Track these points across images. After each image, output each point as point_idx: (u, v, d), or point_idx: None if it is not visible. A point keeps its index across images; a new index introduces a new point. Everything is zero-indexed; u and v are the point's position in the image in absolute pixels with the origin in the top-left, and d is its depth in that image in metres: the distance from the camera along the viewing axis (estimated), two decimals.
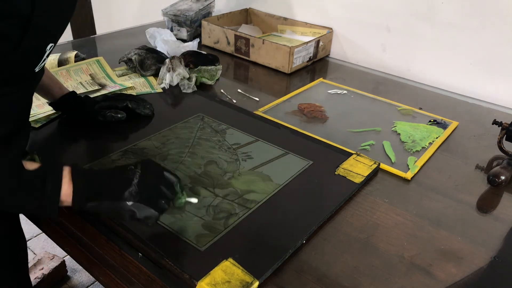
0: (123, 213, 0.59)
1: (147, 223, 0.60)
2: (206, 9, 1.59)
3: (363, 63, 1.44)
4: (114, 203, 0.59)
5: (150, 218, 0.60)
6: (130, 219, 0.60)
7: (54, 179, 0.58)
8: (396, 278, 0.62)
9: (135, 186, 0.59)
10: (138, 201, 0.59)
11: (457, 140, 1.01)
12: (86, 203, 0.59)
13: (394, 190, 0.81)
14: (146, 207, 0.59)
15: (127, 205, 0.58)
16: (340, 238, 0.69)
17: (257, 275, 0.59)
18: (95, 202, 0.59)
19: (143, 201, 0.59)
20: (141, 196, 0.59)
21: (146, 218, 0.60)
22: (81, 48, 1.38)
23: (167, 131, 0.94)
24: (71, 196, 0.58)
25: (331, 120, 1.06)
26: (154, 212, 0.60)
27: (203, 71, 1.20)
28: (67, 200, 0.58)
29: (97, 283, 1.56)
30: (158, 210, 0.60)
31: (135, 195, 0.59)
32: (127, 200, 0.58)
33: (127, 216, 0.59)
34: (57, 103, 0.92)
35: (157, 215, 0.60)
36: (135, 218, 0.59)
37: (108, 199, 0.59)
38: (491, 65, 1.19)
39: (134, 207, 0.58)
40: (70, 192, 0.58)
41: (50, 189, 0.57)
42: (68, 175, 0.59)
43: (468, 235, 0.71)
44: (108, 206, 0.59)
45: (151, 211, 0.59)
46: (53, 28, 0.60)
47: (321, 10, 1.47)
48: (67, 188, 0.58)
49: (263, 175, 0.81)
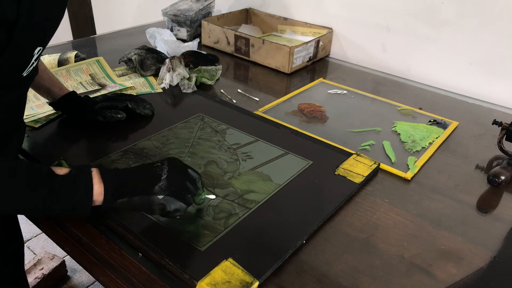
0: (154, 207, 0.61)
1: (176, 215, 0.62)
2: (206, 9, 1.59)
3: (363, 63, 1.44)
4: (145, 197, 0.60)
5: (179, 211, 0.62)
6: (160, 212, 0.62)
7: (85, 180, 0.59)
8: (396, 278, 0.62)
9: (164, 181, 0.61)
10: (168, 195, 0.61)
11: (457, 140, 1.01)
12: (116, 200, 0.60)
13: (394, 190, 0.81)
14: (175, 199, 0.61)
15: (158, 198, 0.60)
16: (340, 238, 0.69)
17: (257, 275, 0.59)
18: (125, 198, 0.60)
19: (172, 195, 0.61)
20: (170, 190, 0.61)
21: (175, 211, 0.61)
22: (81, 48, 1.38)
23: (167, 131, 0.94)
24: (102, 195, 0.60)
25: (331, 120, 1.06)
26: (183, 205, 0.62)
27: (203, 71, 1.20)
28: (99, 199, 0.60)
29: (97, 283, 1.56)
30: (185, 203, 0.62)
31: (164, 189, 0.61)
32: (158, 194, 0.60)
33: (158, 210, 0.61)
34: (57, 103, 0.92)
35: (185, 208, 0.63)
36: (165, 211, 0.61)
37: (138, 194, 0.61)
38: (491, 65, 1.19)
39: (164, 200, 0.60)
40: (101, 191, 0.59)
41: (83, 190, 0.58)
42: (97, 175, 0.60)
43: (468, 235, 0.71)
44: (139, 201, 0.61)
45: (180, 203, 0.62)
46: (40, 32, 0.60)
47: (321, 10, 1.47)
48: (98, 187, 0.59)
49: (263, 175, 0.81)
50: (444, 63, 1.27)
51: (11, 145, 0.73)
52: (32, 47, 0.59)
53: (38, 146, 0.88)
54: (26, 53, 0.59)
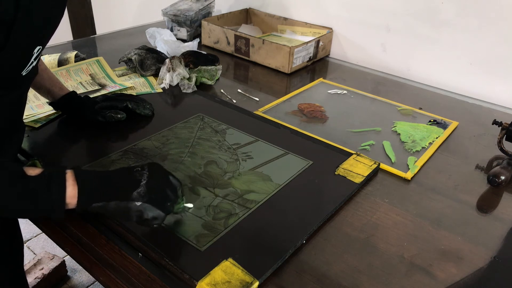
0: (131, 213, 0.59)
1: (153, 224, 0.60)
2: (206, 9, 1.59)
3: (363, 63, 1.44)
4: (122, 203, 0.58)
5: (157, 219, 0.60)
6: (137, 220, 0.59)
7: (58, 182, 0.57)
8: (396, 278, 0.62)
9: (143, 187, 0.59)
10: (146, 202, 0.59)
11: (457, 140, 1.01)
12: (91, 204, 0.58)
13: (394, 190, 0.81)
14: (154, 207, 0.59)
15: (136, 205, 0.58)
16: (340, 238, 0.69)
17: (257, 275, 0.59)
18: (101, 202, 0.58)
19: (150, 202, 0.59)
20: (149, 197, 0.59)
21: (153, 219, 0.59)
22: (81, 48, 1.38)
23: (167, 131, 0.94)
24: (76, 198, 0.58)
25: (331, 120, 1.06)
26: (161, 213, 0.60)
27: (203, 71, 1.20)
28: (72, 202, 0.58)
29: (97, 283, 1.56)
30: (164, 212, 0.60)
31: (143, 195, 0.59)
32: (136, 200, 0.58)
33: (134, 217, 0.59)
34: (57, 103, 0.92)
35: (164, 216, 0.61)
36: (142, 218, 0.59)
37: (115, 199, 0.59)
38: (491, 65, 1.19)
39: (142, 207, 0.58)
40: (75, 193, 0.58)
41: (55, 192, 0.56)
42: (71, 177, 0.58)
43: (468, 235, 0.71)
44: (116, 207, 0.59)
45: (158, 211, 0.59)
46: (39, 31, 0.60)
47: (321, 10, 1.47)
48: (71, 189, 0.57)
49: (263, 175, 0.81)
50: (444, 63, 1.27)
51: (11, 145, 0.73)
52: (31, 46, 0.59)
53: (38, 146, 0.88)
54: (25, 52, 0.58)
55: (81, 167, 0.78)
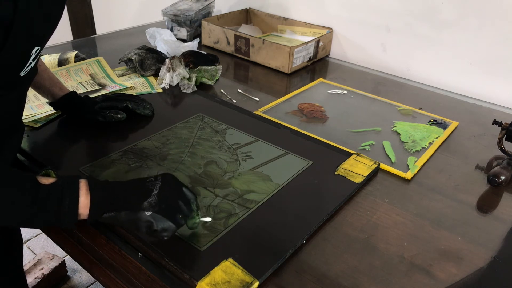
0: (140, 223, 0.57)
1: (163, 235, 0.58)
2: (206, 9, 1.59)
3: (363, 63, 1.44)
4: (132, 213, 0.57)
5: (167, 231, 0.58)
6: (147, 230, 0.58)
7: (72, 192, 0.57)
8: (396, 278, 0.62)
9: (155, 197, 0.58)
10: (156, 212, 0.57)
11: (457, 140, 1.01)
12: (102, 214, 0.58)
13: (394, 190, 0.81)
14: (164, 218, 0.57)
15: (146, 215, 0.57)
16: (340, 238, 0.69)
17: (257, 275, 0.59)
18: (112, 212, 0.58)
19: (161, 213, 0.57)
20: (160, 207, 0.58)
21: (163, 230, 0.58)
22: (81, 48, 1.38)
23: (167, 131, 0.94)
24: (88, 208, 0.57)
25: (331, 120, 1.06)
26: (172, 225, 0.58)
27: (203, 71, 1.20)
28: (84, 213, 0.57)
29: (97, 283, 1.56)
30: (175, 224, 0.59)
31: (154, 205, 0.57)
32: (146, 210, 0.57)
33: (144, 227, 0.58)
34: (57, 103, 0.92)
35: (175, 228, 0.59)
36: (152, 229, 0.57)
37: (126, 209, 0.58)
38: (491, 65, 1.19)
39: (152, 217, 0.57)
40: (87, 203, 0.57)
41: (68, 202, 0.56)
42: (84, 187, 0.58)
43: (468, 235, 0.71)
44: (126, 217, 0.57)
45: (168, 223, 0.58)
46: (38, 31, 0.59)
47: (321, 10, 1.47)
48: (84, 199, 0.57)
49: (263, 175, 0.81)
50: (444, 63, 1.27)
51: (10, 145, 0.73)
52: (29, 47, 0.59)
53: (38, 146, 0.88)
54: (24, 53, 0.58)
55: (81, 167, 0.79)
